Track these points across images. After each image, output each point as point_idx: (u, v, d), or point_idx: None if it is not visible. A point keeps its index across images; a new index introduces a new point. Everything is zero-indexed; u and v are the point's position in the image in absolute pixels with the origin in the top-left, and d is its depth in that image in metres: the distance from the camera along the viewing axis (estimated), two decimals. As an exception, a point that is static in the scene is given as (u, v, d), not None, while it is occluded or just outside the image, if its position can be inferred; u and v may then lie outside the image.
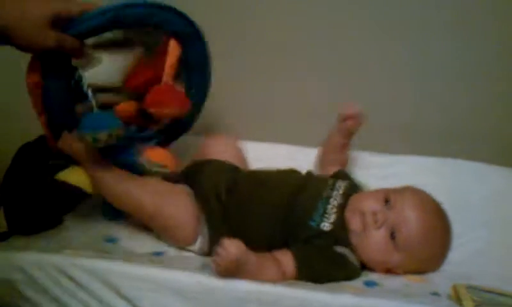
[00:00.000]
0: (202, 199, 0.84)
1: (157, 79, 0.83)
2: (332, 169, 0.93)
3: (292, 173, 0.89)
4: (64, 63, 0.75)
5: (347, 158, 0.95)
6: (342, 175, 0.91)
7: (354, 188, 0.86)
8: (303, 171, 0.91)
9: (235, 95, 1.13)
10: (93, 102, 0.79)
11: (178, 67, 0.84)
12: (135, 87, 0.83)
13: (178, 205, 0.83)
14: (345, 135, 0.91)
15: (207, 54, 0.88)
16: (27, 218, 0.83)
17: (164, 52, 0.83)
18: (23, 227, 0.82)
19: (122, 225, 0.88)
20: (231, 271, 0.65)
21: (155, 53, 0.83)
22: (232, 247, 0.65)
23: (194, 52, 0.86)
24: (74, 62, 0.77)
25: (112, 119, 0.78)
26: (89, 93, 0.78)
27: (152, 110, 0.82)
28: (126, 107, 0.83)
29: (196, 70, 0.88)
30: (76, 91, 0.78)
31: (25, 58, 0.74)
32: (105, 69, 0.80)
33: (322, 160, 0.96)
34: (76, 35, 0.72)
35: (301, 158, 0.97)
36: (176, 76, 0.85)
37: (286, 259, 0.74)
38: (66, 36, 0.70)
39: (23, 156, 0.86)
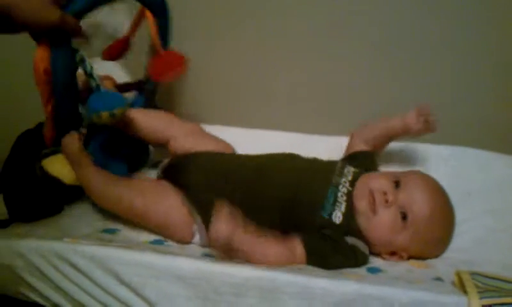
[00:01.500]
0: (193, 196, 0.82)
1: (126, 45, 0.97)
2: (361, 147, 0.91)
3: (295, 159, 0.87)
4: (68, 45, 0.75)
5: (384, 147, 0.93)
6: (356, 158, 0.89)
7: (362, 173, 0.84)
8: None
9: (237, 83, 1.12)
10: (98, 81, 0.82)
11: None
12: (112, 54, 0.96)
13: (168, 205, 0.82)
14: (407, 132, 0.88)
15: (169, 18, 0.96)
16: (27, 205, 0.83)
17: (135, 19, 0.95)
18: (23, 214, 0.82)
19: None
20: (226, 247, 0.66)
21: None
22: (220, 223, 0.66)
23: (161, 17, 0.94)
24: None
25: (119, 96, 0.82)
26: (94, 73, 0.80)
27: (161, 78, 0.92)
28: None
29: (163, 34, 0.95)
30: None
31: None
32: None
33: (363, 133, 0.92)
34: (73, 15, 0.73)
35: (303, 146, 0.96)
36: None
37: (295, 245, 0.73)
38: (67, 14, 0.71)
39: (23, 143, 0.86)
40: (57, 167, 0.81)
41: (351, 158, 0.89)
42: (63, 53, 0.75)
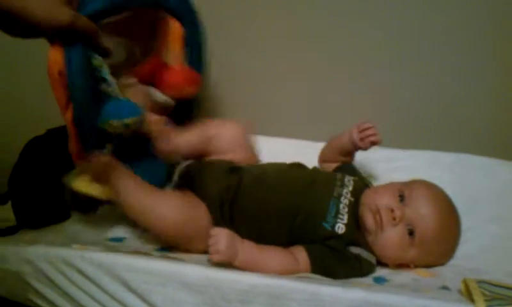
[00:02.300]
0: (209, 206, 0.82)
1: (160, 62, 0.89)
2: (334, 165, 0.92)
3: (297, 170, 0.87)
4: (83, 48, 0.72)
5: (352, 159, 0.94)
6: (348, 169, 0.89)
7: (362, 183, 0.85)
8: (310, 166, 0.90)
9: (245, 90, 1.13)
10: (117, 88, 0.78)
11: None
12: (144, 75, 0.87)
13: (199, 220, 0.80)
14: (357, 148, 0.89)
15: (202, 31, 0.91)
16: (34, 212, 0.83)
17: (162, 34, 0.88)
18: (31, 221, 0.82)
19: (130, 224, 0.88)
20: (226, 256, 0.68)
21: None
22: (220, 232, 0.70)
23: (191, 30, 0.89)
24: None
25: (132, 105, 0.79)
26: (112, 79, 0.77)
27: (172, 93, 0.86)
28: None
29: (193, 48, 0.92)
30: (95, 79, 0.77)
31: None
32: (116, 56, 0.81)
33: (325, 157, 0.94)
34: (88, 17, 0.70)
35: (310, 153, 0.96)
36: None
37: (300, 254, 0.73)
38: (80, 14, 0.69)
39: (31, 150, 0.86)
40: (87, 184, 0.78)
41: (342, 169, 0.89)
42: (78, 55, 0.71)
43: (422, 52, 1.01)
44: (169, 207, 0.78)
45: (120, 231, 0.86)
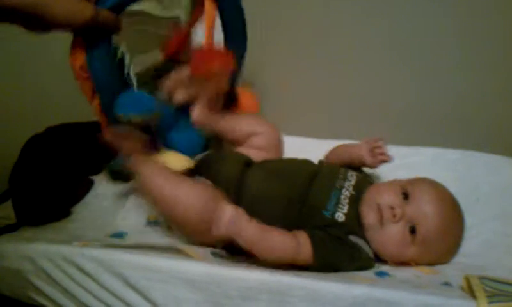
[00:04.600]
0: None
1: (186, 37, 0.87)
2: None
3: (304, 163, 0.88)
4: (104, 41, 0.72)
5: None
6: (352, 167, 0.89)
7: (366, 179, 0.85)
8: (315, 161, 0.90)
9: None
10: (134, 81, 0.79)
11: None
12: (170, 51, 0.86)
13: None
14: (364, 164, 0.88)
15: (241, 9, 0.86)
16: (35, 210, 0.83)
17: (195, 11, 0.87)
18: (31, 218, 0.82)
19: (130, 219, 0.88)
20: (226, 232, 0.65)
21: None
22: (225, 208, 0.67)
23: (228, 9, 0.85)
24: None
25: (148, 101, 0.79)
26: (131, 72, 0.78)
27: (199, 75, 0.83)
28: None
29: (231, 27, 0.87)
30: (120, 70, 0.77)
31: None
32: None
33: (331, 158, 0.93)
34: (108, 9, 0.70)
35: (313, 150, 0.96)
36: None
37: (302, 239, 0.72)
38: (100, 8, 0.69)
39: (31, 148, 0.86)
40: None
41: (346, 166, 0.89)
42: (99, 49, 0.71)
43: (428, 49, 1.01)
44: (192, 195, 0.77)
45: (121, 227, 0.86)
